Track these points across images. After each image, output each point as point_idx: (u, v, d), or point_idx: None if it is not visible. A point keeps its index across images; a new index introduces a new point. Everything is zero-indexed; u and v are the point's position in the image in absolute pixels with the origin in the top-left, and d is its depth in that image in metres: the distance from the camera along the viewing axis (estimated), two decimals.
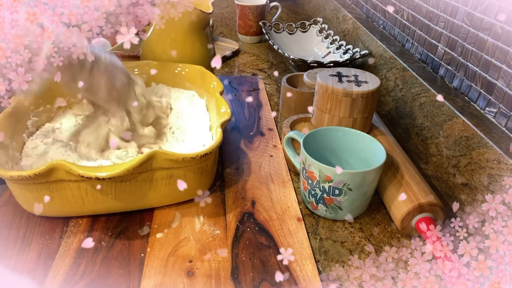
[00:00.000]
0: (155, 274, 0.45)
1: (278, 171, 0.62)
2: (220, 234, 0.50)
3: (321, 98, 0.58)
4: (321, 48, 1.03)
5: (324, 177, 0.49)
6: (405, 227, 0.50)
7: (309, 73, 0.71)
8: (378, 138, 0.59)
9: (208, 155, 0.49)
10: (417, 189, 0.50)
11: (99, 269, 0.45)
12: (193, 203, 0.54)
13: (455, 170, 0.55)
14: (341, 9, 1.11)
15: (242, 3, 1.09)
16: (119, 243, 0.48)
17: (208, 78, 0.67)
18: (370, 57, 0.86)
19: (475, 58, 0.59)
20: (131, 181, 0.48)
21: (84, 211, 0.50)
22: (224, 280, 0.44)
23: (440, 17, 0.68)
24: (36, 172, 0.43)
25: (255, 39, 1.13)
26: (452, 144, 0.57)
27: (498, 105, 0.55)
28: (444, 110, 0.60)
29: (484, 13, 0.57)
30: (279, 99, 0.83)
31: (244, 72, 0.95)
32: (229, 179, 0.60)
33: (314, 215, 0.54)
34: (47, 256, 0.46)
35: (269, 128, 0.73)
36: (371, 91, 0.56)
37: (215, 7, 1.45)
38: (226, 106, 0.57)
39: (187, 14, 0.65)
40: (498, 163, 0.48)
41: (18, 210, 0.52)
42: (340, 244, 0.50)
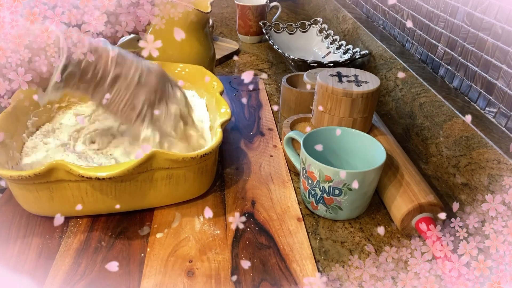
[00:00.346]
0: (155, 274, 0.44)
1: (278, 171, 0.62)
2: (220, 234, 0.50)
3: (321, 98, 0.58)
4: (321, 48, 1.03)
5: (324, 177, 0.49)
6: (405, 227, 0.50)
7: (309, 73, 0.71)
8: (378, 138, 0.59)
9: (208, 155, 0.49)
10: (417, 189, 0.50)
11: (99, 269, 0.45)
12: (193, 203, 0.54)
13: (455, 170, 0.55)
14: (341, 9, 1.11)
15: (242, 3, 1.09)
16: (119, 243, 0.48)
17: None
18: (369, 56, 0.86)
19: (475, 58, 0.59)
20: (131, 181, 0.48)
21: (84, 211, 0.50)
22: (224, 280, 0.44)
23: (440, 17, 0.68)
24: (36, 172, 0.43)
25: (255, 39, 1.13)
26: (452, 144, 0.57)
27: (498, 105, 0.55)
28: (444, 110, 0.60)
29: (484, 13, 0.57)
30: (279, 99, 0.83)
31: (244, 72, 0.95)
32: (229, 179, 0.59)
33: (314, 215, 0.54)
34: (47, 256, 0.46)
35: (269, 128, 0.73)
36: (371, 91, 0.56)
37: (215, 7, 1.46)
38: (226, 106, 0.57)
39: (186, 14, 0.65)
40: (498, 163, 0.48)
41: (18, 210, 0.52)
42: (340, 244, 0.50)
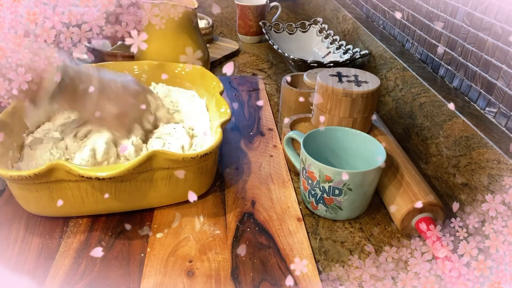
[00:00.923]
0: (155, 274, 0.44)
1: (278, 171, 0.62)
2: (220, 234, 0.50)
3: (321, 98, 0.58)
4: (321, 48, 1.03)
5: (324, 177, 0.49)
6: (405, 227, 0.50)
7: (309, 73, 0.71)
8: (378, 138, 0.58)
9: (208, 155, 0.49)
10: (417, 189, 0.50)
11: (99, 269, 0.45)
12: (193, 203, 0.54)
13: (455, 170, 0.55)
14: (341, 9, 1.11)
15: (242, 3, 1.09)
16: (119, 243, 0.48)
17: (208, 78, 0.67)
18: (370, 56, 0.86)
19: (475, 58, 0.59)
20: (131, 181, 0.48)
21: (84, 211, 0.50)
22: (224, 280, 0.44)
23: (440, 17, 0.68)
24: (36, 172, 0.43)
25: (255, 39, 1.13)
26: (452, 144, 0.57)
27: (498, 105, 0.55)
28: (444, 110, 0.60)
29: (484, 13, 0.57)
30: (279, 99, 0.83)
31: (244, 72, 0.95)
32: (229, 179, 0.59)
33: (314, 215, 0.54)
34: (47, 256, 0.46)
35: (269, 128, 0.73)
36: (371, 91, 0.56)
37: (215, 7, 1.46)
38: (226, 106, 0.57)
39: (173, 13, 0.65)
40: (498, 163, 0.48)
41: (18, 210, 0.51)
42: (340, 244, 0.50)
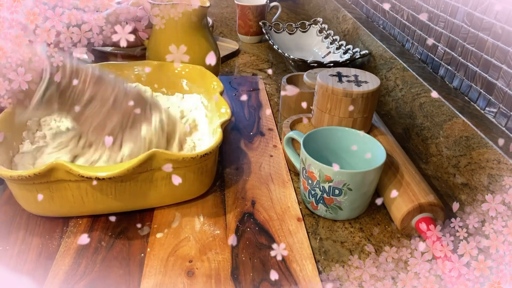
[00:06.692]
0: (155, 274, 0.44)
1: (278, 171, 0.62)
2: (220, 234, 0.50)
3: (321, 98, 0.58)
4: (321, 48, 1.03)
5: (324, 177, 0.49)
6: (405, 227, 0.50)
7: (309, 73, 0.71)
8: (378, 138, 0.58)
9: (208, 155, 0.49)
10: (417, 189, 0.50)
11: (99, 269, 0.45)
12: (193, 203, 0.54)
13: (455, 170, 0.55)
14: (341, 9, 1.11)
15: (242, 3, 1.09)
16: (119, 243, 0.48)
17: (208, 78, 0.67)
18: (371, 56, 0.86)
19: (475, 58, 0.59)
20: (131, 181, 0.48)
21: (84, 211, 0.50)
22: (224, 280, 0.44)
23: (440, 17, 0.68)
24: (36, 172, 0.43)
25: (255, 39, 1.13)
26: (452, 144, 0.57)
27: (498, 105, 0.55)
28: (444, 110, 0.60)
29: (484, 13, 0.57)
30: (279, 99, 0.83)
31: (244, 72, 0.95)
32: (229, 179, 0.59)
33: (314, 215, 0.54)
34: (47, 256, 0.46)
35: (269, 128, 0.73)
36: (371, 91, 0.56)
37: (215, 7, 1.46)
38: (226, 106, 0.57)
39: (188, 14, 0.65)
40: (498, 163, 0.48)
41: (18, 210, 0.51)
42: (340, 244, 0.50)
